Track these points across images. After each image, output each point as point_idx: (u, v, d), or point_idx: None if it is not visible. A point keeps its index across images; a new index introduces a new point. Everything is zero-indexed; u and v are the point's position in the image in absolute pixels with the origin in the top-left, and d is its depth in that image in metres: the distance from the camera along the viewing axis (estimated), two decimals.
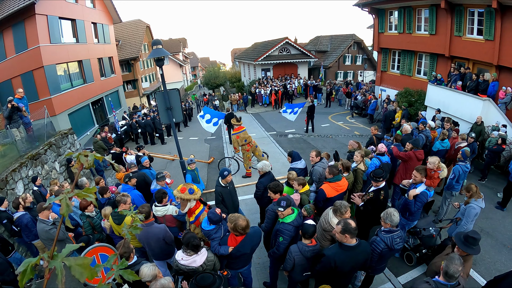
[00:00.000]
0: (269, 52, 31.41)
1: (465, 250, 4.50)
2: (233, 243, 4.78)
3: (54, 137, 12.15)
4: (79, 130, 19.54)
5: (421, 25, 17.73)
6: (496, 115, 12.50)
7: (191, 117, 28.96)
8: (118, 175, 9.17)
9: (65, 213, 1.24)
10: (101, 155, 1.40)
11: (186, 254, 4.52)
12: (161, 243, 5.32)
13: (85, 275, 1.19)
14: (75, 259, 1.21)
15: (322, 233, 5.27)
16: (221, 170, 6.79)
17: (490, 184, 10.84)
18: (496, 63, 13.31)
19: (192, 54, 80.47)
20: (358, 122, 21.44)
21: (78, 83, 21.09)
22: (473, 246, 4.50)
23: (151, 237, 5.36)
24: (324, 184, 6.36)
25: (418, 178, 6.38)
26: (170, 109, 8.17)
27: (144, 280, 3.93)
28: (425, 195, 6.15)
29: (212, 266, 4.65)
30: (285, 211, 4.97)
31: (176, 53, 55.03)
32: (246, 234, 4.76)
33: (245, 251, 4.77)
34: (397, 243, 4.75)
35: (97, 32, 24.73)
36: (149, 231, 5.35)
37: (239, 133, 11.17)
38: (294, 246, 4.76)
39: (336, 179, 6.33)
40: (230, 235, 4.87)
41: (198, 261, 4.48)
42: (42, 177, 10.35)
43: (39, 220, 6.32)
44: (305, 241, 4.70)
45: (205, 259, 4.54)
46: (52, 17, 17.94)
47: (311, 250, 4.66)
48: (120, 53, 32.37)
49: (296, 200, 6.01)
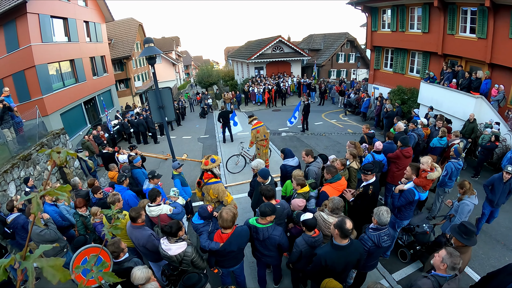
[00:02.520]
0: (262, 50, 31.35)
1: (462, 241, 4.50)
2: (219, 240, 4.75)
3: (46, 137, 12.00)
4: (71, 130, 19.36)
5: (414, 23, 17.77)
6: (488, 113, 12.57)
7: (184, 116, 28.81)
8: (110, 174, 9.10)
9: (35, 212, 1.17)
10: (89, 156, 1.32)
11: (167, 240, 4.64)
12: (143, 248, 5.30)
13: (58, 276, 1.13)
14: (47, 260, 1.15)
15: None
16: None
17: (483, 181, 10.79)
18: (488, 61, 13.38)
19: (185, 53, 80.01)
20: (351, 120, 21.49)
21: (70, 83, 20.85)
22: (470, 237, 4.50)
23: (134, 239, 5.36)
24: (325, 186, 6.29)
25: (408, 173, 6.59)
26: (162, 107, 8.13)
27: (136, 283, 3.91)
28: (411, 193, 6.11)
29: (189, 261, 4.68)
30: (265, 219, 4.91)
31: (169, 52, 54.71)
32: (233, 231, 4.73)
33: (232, 248, 4.72)
34: (385, 241, 4.74)
35: (89, 30, 24.46)
36: (133, 233, 5.34)
37: (259, 128, 11.02)
38: (300, 239, 4.82)
39: (337, 178, 6.28)
40: (217, 232, 4.85)
41: (172, 250, 4.56)
42: (34, 178, 10.22)
43: (30, 223, 6.20)
44: (309, 233, 4.79)
45: (182, 251, 4.59)
46: (43, 16, 17.70)
47: (316, 240, 4.79)
48: (113, 52, 32.06)
49: (299, 206, 5.76)
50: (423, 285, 3.76)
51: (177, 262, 4.65)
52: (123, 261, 4.62)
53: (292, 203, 5.82)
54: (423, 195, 6.65)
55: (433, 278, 3.79)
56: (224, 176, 12.12)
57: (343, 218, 4.28)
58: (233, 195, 10.28)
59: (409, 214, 6.54)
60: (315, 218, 4.79)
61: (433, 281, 3.75)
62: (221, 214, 4.65)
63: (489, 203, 7.41)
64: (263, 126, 11.22)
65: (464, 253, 4.59)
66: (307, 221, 4.73)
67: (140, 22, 38.16)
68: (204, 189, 6.79)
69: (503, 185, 7.13)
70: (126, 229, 5.51)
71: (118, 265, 4.57)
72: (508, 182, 7.11)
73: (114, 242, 4.57)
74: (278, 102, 28.25)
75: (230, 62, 47.75)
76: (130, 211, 5.27)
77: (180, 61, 65.56)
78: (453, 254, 3.70)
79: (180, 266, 4.73)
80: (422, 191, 6.63)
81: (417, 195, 6.24)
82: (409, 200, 6.14)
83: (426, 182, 6.59)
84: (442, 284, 3.72)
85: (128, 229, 5.45)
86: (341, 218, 4.30)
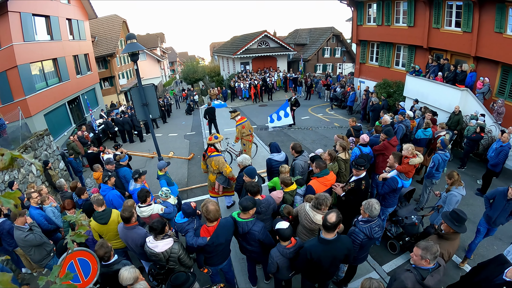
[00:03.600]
0: (248, 45, 31.22)
1: (453, 227, 4.51)
2: (206, 234, 4.66)
3: (30, 139, 11.66)
4: (56, 130, 19.01)
5: (400, 17, 17.89)
6: (474, 105, 12.72)
7: (170, 113, 28.61)
8: (95, 174, 8.95)
9: None
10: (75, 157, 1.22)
11: (153, 238, 4.58)
12: (139, 249, 5.18)
13: None
14: None
15: (305, 233, 5.18)
16: None
17: (469, 171, 11.03)
18: (474, 54, 13.53)
19: (170, 49, 79.35)
20: (338, 113, 21.60)
21: (54, 82, 20.40)
22: (461, 225, 4.51)
23: (131, 241, 5.24)
24: (312, 180, 6.23)
25: (391, 161, 6.75)
26: (146, 105, 8.01)
27: (125, 284, 3.86)
28: (395, 181, 6.27)
29: (176, 258, 4.63)
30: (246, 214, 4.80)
31: (154, 48, 54.09)
32: (218, 224, 4.65)
33: (220, 241, 4.64)
34: (376, 232, 4.72)
35: (72, 28, 23.97)
36: (128, 235, 5.23)
37: (243, 123, 11.06)
38: (274, 250, 4.60)
39: (324, 173, 6.22)
40: (202, 227, 4.75)
41: (159, 247, 4.52)
42: (19, 181, 9.97)
43: (15, 228, 6.11)
44: (283, 244, 4.53)
45: (168, 248, 4.55)
46: (25, 14, 17.26)
47: (292, 252, 4.51)
48: (96, 50, 31.53)
49: (278, 198, 5.83)
50: (406, 279, 3.74)
51: (164, 260, 4.58)
52: (112, 264, 4.52)
53: (271, 195, 5.86)
54: (406, 182, 6.69)
55: (415, 271, 3.78)
56: None
57: (329, 211, 4.19)
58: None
59: (393, 202, 6.63)
60: (290, 228, 4.49)
61: (415, 274, 3.74)
62: (207, 206, 4.56)
63: (487, 219, 6.41)
64: (247, 122, 11.27)
65: (454, 239, 4.61)
66: (280, 231, 4.46)
67: (124, 18, 37.68)
68: (208, 161, 7.95)
69: (506, 203, 6.05)
70: (119, 232, 5.40)
71: (107, 268, 4.48)
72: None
73: (102, 244, 4.49)
74: (264, 97, 28.23)
75: (216, 57, 47.45)
76: (122, 212, 5.14)
77: (165, 58, 64.94)
78: (428, 247, 3.68)
79: (167, 264, 4.65)
80: (405, 178, 6.68)
81: (400, 182, 6.35)
82: (393, 188, 6.27)
83: (408, 168, 6.65)
84: (425, 276, 3.71)
85: (121, 232, 5.34)
86: (329, 211, 4.21)
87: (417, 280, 3.70)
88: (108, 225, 5.63)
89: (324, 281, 4.95)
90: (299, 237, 5.22)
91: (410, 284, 3.69)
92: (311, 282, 4.85)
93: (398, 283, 3.79)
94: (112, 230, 5.66)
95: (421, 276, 3.72)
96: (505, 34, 12.03)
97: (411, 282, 3.70)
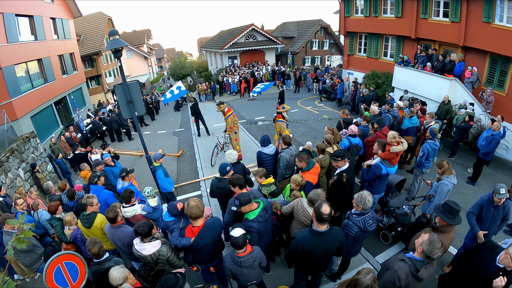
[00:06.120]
0: (235, 39, 31.10)
1: (447, 220, 4.47)
2: (191, 234, 4.57)
3: (16, 142, 11.43)
4: (43, 132, 18.62)
5: (387, 8, 17.85)
6: (463, 94, 12.80)
7: (158, 110, 28.40)
8: (82, 173, 8.86)
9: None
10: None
11: (140, 240, 4.49)
12: (127, 248, 5.08)
13: None
14: None
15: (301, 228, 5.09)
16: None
17: (460, 160, 11.08)
18: (462, 44, 13.57)
19: (157, 46, 78.41)
20: (327, 106, 21.67)
21: (39, 83, 19.87)
22: (454, 216, 4.47)
23: (118, 240, 5.15)
24: (306, 174, 6.18)
25: (375, 148, 7.00)
26: (131, 102, 7.86)
27: (115, 284, 3.83)
28: (378, 168, 6.38)
29: (164, 260, 4.55)
30: (249, 207, 4.69)
31: (140, 45, 53.54)
32: (204, 224, 4.56)
33: (206, 242, 4.54)
34: (370, 225, 4.67)
35: (57, 27, 23.43)
36: (115, 234, 5.14)
37: (233, 113, 11.83)
38: (227, 255, 4.40)
39: (312, 165, 6.25)
40: (187, 227, 4.65)
41: (147, 250, 4.43)
42: (7, 186, 9.73)
43: (4, 233, 6.09)
44: (237, 251, 4.25)
45: (156, 250, 4.47)
46: (8, 15, 16.79)
47: (244, 260, 4.22)
48: (82, 48, 30.92)
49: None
50: (400, 269, 3.67)
51: (153, 262, 4.50)
52: (104, 261, 4.50)
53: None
54: (391, 169, 6.74)
55: (410, 261, 3.71)
56: (201, 170, 12.02)
57: (321, 202, 4.11)
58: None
59: (380, 189, 6.72)
60: (243, 236, 4.17)
61: (410, 265, 3.67)
62: (188, 202, 4.48)
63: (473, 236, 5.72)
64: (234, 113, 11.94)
65: (449, 232, 4.58)
66: (231, 239, 4.18)
67: (109, 16, 37.09)
68: (276, 124, 11.06)
69: (495, 210, 5.44)
70: (106, 232, 5.32)
71: (99, 265, 4.45)
72: (502, 205, 5.40)
73: (94, 242, 4.43)
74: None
75: (204, 52, 47.24)
76: (106, 213, 5.07)
77: (152, 54, 64.26)
78: (433, 243, 3.56)
79: (156, 266, 4.56)
80: (389, 165, 6.72)
81: (384, 169, 6.42)
82: (376, 175, 6.39)
83: (390, 155, 6.74)
84: (419, 268, 3.65)
85: (109, 232, 5.26)
86: (320, 202, 4.14)
87: (411, 271, 3.63)
88: (92, 229, 5.56)
89: (317, 273, 4.92)
90: (292, 233, 5.16)
91: (403, 275, 3.62)
92: (303, 274, 4.81)
93: (392, 272, 3.71)
94: (97, 235, 5.57)
95: (415, 267, 3.65)
96: (493, 24, 12.03)
97: (404, 273, 3.63)
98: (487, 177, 9.80)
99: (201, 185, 10.82)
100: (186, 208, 4.47)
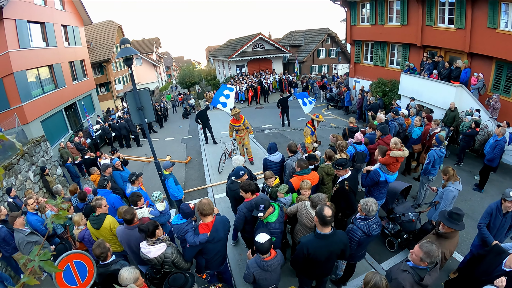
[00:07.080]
0: (243, 48, 31.34)
1: (451, 226, 4.50)
2: (206, 230, 4.68)
3: (27, 145, 11.67)
4: (53, 137, 18.91)
5: (393, 16, 17.93)
6: (469, 101, 12.75)
7: (166, 117, 28.62)
8: (92, 177, 9.01)
9: None
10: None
11: (146, 243, 4.56)
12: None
13: None
14: None
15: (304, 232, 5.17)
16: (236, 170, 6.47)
17: (466, 167, 11.05)
18: (467, 50, 13.56)
19: (166, 54, 79.17)
20: (334, 114, 21.68)
21: (50, 89, 20.30)
22: (457, 222, 4.51)
23: (133, 240, 5.17)
24: (293, 177, 6.42)
25: (375, 154, 6.94)
26: (141, 109, 7.99)
27: (125, 284, 3.80)
28: (376, 174, 6.41)
29: (170, 262, 4.61)
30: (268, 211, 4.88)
31: (150, 53, 54.05)
32: (215, 219, 4.73)
33: (220, 235, 4.71)
34: (374, 229, 4.71)
35: (68, 34, 23.91)
36: (131, 234, 5.18)
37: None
38: (252, 261, 4.40)
39: (304, 172, 6.36)
40: (200, 225, 4.75)
41: (152, 253, 4.49)
42: (17, 188, 9.96)
43: (16, 231, 6.14)
44: (262, 256, 4.26)
45: (162, 253, 4.53)
46: (20, 21, 17.19)
47: (271, 264, 4.26)
48: (92, 56, 31.44)
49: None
50: (404, 280, 3.66)
51: (159, 265, 4.57)
52: (110, 263, 4.52)
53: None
54: (389, 176, 6.58)
55: (413, 271, 3.70)
56: (209, 176, 12.10)
57: (322, 205, 4.20)
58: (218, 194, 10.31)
59: (379, 196, 6.67)
60: (269, 242, 4.21)
61: (413, 275, 3.66)
62: (200, 201, 4.67)
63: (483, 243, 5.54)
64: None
65: (453, 237, 4.60)
66: (257, 245, 4.19)
67: (119, 24, 37.61)
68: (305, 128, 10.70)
69: (503, 218, 5.37)
70: (120, 235, 5.35)
71: (105, 267, 4.48)
72: (510, 213, 5.34)
73: (99, 243, 4.47)
74: (261, 99, 28.12)
75: (212, 61, 47.49)
76: (124, 215, 5.14)
77: (161, 62, 64.82)
78: (431, 252, 3.56)
79: (162, 268, 4.63)
80: (388, 172, 6.58)
81: (382, 176, 6.40)
82: (374, 180, 6.41)
83: (390, 160, 6.64)
84: (423, 276, 3.64)
85: (123, 234, 5.28)
86: (321, 205, 4.22)
87: (415, 280, 3.63)
88: (100, 230, 5.63)
89: (321, 278, 4.94)
90: (296, 236, 5.23)
91: (408, 285, 3.61)
92: (308, 278, 4.85)
93: (396, 284, 3.70)
94: (106, 235, 5.65)
95: (419, 276, 3.65)
96: (498, 30, 12.07)
97: (409, 283, 3.62)
98: (494, 184, 9.76)
99: (209, 191, 10.89)
100: (198, 204, 4.61)
